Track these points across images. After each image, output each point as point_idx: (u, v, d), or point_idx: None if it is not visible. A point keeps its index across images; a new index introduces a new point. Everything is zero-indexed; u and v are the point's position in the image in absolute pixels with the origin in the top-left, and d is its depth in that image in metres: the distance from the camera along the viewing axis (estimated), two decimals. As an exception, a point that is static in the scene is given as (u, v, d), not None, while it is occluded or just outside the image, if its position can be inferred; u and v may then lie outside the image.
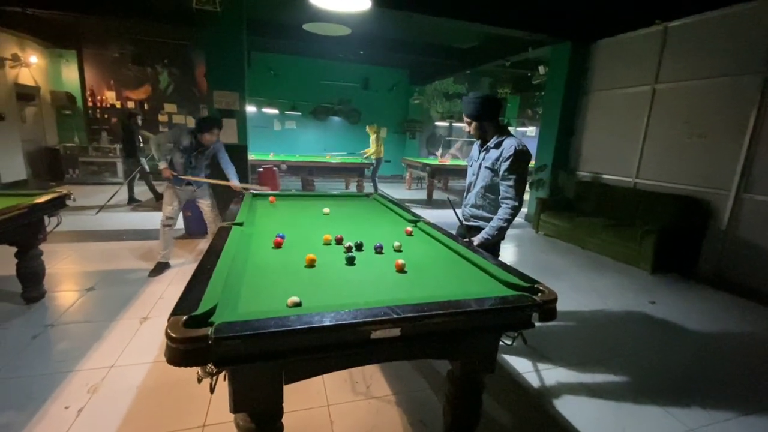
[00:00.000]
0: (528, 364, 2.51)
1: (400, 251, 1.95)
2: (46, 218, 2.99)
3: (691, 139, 4.55)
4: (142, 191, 6.97)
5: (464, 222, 2.48)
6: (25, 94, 7.84)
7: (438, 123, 11.72)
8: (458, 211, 2.45)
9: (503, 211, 2.20)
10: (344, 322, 1.12)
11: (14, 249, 2.85)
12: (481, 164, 2.35)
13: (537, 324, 1.41)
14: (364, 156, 8.32)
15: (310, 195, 3.60)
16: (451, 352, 1.43)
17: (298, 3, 4.23)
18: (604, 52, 5.73)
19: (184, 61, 9.32)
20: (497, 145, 2.25)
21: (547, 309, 1.33)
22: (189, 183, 3.78)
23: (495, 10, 5.34)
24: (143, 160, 6.71)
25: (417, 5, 4.99)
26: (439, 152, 10.31)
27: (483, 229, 2.31)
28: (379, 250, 1.91)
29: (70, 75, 8.88)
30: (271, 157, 7.70)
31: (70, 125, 8.97)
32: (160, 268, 3.70)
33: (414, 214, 2.69)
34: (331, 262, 1.73)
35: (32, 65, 7.87)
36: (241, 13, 4.63)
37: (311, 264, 1.67)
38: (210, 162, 3.92)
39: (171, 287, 3.36)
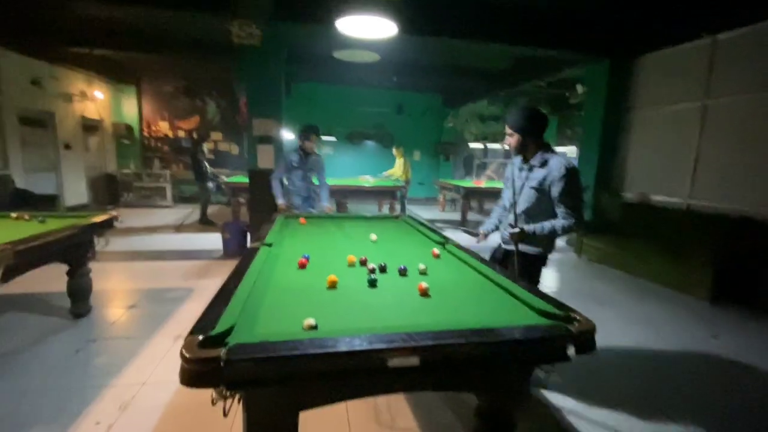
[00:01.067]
0: (571, 403, 2.29)
1: (425, 274, 1.87)
2: (95, 238, 3.19)
3: (749, 156, 4.18)
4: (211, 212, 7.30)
5: (502, 245, 2.39)
6: (90, 126, 8.65)
7: (473, 145, 11.62)
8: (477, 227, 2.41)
9: (566, 220, 2.08)
10: (359, 347, 1.06)
11: (66, 267, 3.06)
12: (524, 184, 2.22)
13: (574, 357, 1.27)
14: (393, 178, 8.34)
15: (339, 216, 3.62)
16: (476, 385, 1.32)
17: (329, 32, 4.41)
18: (646, 68, 5.48)
19: (229, 93, 9.96)
20: (543, 164, 2.14)
21: (584, 341, 1.21)
22: (312, 206, 4.09)
23: (529, 30, 5.29)
24: (210, 185, 7.15)
25: (445, 30, 5.05)
26: (486, 172, 10.13)
27: (522, 252, 2.19)
28: (403, 272, 1.85)
29: (129, 107, 9.74)
30: (307, 180, 7.91)
31: (127, 153, 9.76)
32: None
33: (442, 236, 2.61)
34: (353, 284, 1.69)
35: (97, 100, 8.70)
36: (279, 46, 4.89)
37: (333, 285, 1.64)
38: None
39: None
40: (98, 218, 3.09)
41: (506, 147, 2.33)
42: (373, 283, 1.67)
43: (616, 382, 2.55)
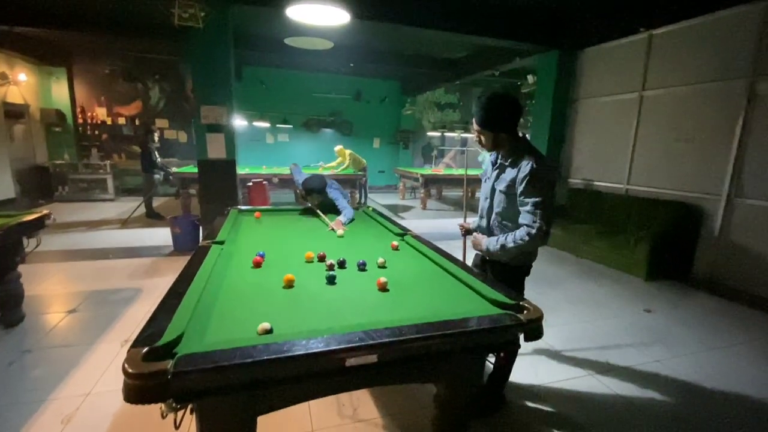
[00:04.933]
0: (518, 378, 2.43)
1: (384, 267, 1.89)
2: (24, 240, 2.91)
3: (680, 145, 4.56)
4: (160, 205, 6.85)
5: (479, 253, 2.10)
6: (14, 112, 7.77)
7: (430, 133, 11.74)
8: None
9: (519, 233, 1.78)
10: (316, 350, 1.05)
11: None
12: (494, 187, 1.95)
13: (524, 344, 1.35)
14: (339, 170, 8.01)
15: (297, 209, 3.53)
16: (433, 376, 1.36)
17: (280, 18, 4.23)
18: (591, 60, 5.77)
19: (174, 77, 9.32)
20: (513, 163, 1.83)
21: (532, 328, 1.28)
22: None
23: (481, 20, 5.37)
24: (156, 177, 6.67)
25: (399, 17, 5.00)
26: (444, 160, 10.22)
27: (500, 262, 1.94)
28: (362, 267, 1.85)
29: (60, 92, 8.84)
30: (263, 170, 7.65)
31: (60, 142, 8.90)
32: None
33: (401, 227, 2.64)
34: (310, 282, 1.67)
35: (21, 83, 7.82)
36: (226, 29, 4.61)
37: (289, 285, 1.60)
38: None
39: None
40: (27, 218, 2.81)
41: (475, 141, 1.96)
42: (331, 280, 1.66)
43: (563, 358, 2.73)
